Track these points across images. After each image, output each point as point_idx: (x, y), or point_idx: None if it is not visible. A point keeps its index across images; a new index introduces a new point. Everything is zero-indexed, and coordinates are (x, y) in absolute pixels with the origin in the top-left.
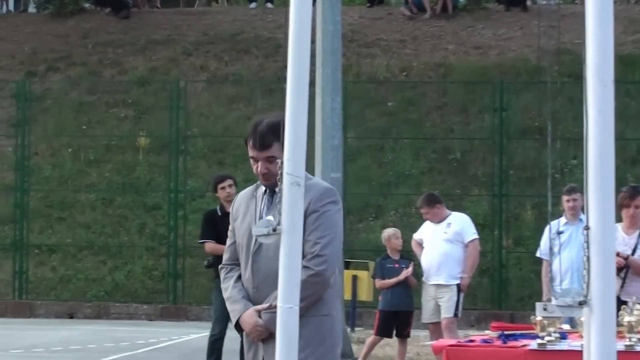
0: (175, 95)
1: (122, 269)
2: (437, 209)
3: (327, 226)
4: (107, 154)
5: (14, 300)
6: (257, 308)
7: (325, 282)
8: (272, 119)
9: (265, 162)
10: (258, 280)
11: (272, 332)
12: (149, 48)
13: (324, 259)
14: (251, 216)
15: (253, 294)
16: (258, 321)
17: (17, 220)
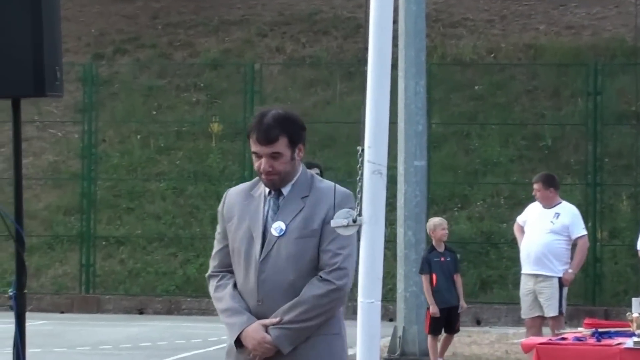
0: (250, 78)
1: (194, 262)
2: (550, 192)
3: (347, 237)
4: (178, 141)
5: (81, 294)
6: (265, 322)
7: (343, 297)
8: (279, 111)
9: (269, 159)
10: (264, 291)
11: (279, 349)
12: (222, 29)
13: (345, 272)
14: (252, 219)
15: (255, 307)
16: (266, 337)
17: (84, 210)
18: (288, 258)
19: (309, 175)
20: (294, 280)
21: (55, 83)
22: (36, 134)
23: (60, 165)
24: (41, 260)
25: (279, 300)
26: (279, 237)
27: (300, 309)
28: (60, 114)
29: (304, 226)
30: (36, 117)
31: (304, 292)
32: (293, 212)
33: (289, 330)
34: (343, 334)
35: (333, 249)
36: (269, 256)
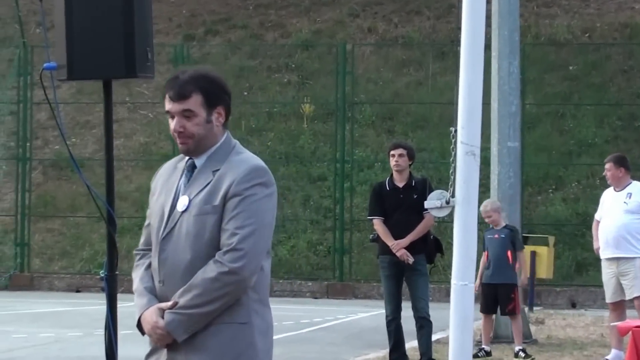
0: (342, 59)
1: (286, 243)
2: (620, 172)
3: (249, 214)
4: (270, 122)
5: None
6: (161, 306)
7: (241, 282)
8: (200, 69)
9: (181, 118)
10: (165, 272)
11: (174, 337)
12: (313, 9)
13: (241, 254)
14: (167, 193)
15: (159, 288)
16: (158, 322)
17: None
18: (187, 236)
19: (232, 145)
20: (192, 261)
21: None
22: (127, 115)
23: (151, 146)
24: (132, 241)
25: (179, 282)
26: (182, 213)
27: (192, 293)
28: (151, 95)
29: (205, 201)
30: (127, 98)
31: (197, 274)
32: (200, 185)
33: (181, 315)
34: (255, 323)
35: (231, 228)
36: (170, 234)
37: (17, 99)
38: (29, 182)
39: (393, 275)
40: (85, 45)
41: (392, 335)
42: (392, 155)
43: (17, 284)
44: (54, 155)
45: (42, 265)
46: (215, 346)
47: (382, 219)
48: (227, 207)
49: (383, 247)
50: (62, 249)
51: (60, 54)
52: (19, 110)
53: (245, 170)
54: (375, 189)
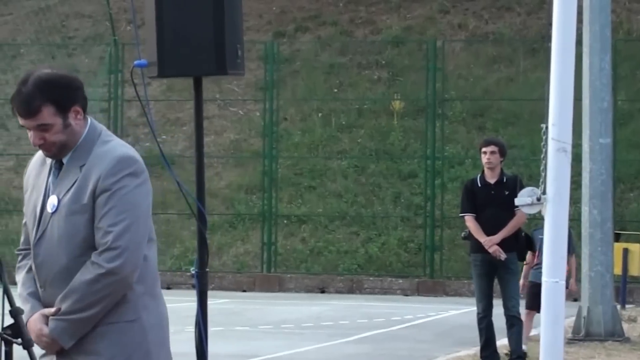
0: (432, 55)
1: (376, 240)
2: None
3: (122, 208)
4: (360, 119)
5: (262, 273)
6: (45, 312)
7: (122, 281)
8: (41, 74)
9: (38, 132)
10: (43, 277)
11: (60, 344)
12: (403, 6)
13: (118, 252)
14: (37, 192)
15: (41, 293)
16: (43, 329)
17: (265, 189)
18: (60, 238)
19: (98, 134)
20: (68, 264)
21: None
22: (218, 112)
23: (242, 143)
24: (223, 238)
25: (58, 287)
26: (52, 215)
27: (72, 298)
28: (242, 92)
29: (74, 201)
30: (218, 95)
31: (76, 278)
32: (68, 184)
33: (64, 322)
34: (142, 320)
35: (104, 226)
36: (43, 237)
37: (108, 97)
38: None
39: (485, 274)
40: (175, 43)
41: (483, 332)
42: (483, 152)
43: None
44: (144, 152)
45: None
46: (104, 349)
47: (473, 216)
48: (97, 204)
49: (475, 245)
50: None
51: (151, 51)
52: (109, 107)
53: (111, 162)
54: (467, 186)
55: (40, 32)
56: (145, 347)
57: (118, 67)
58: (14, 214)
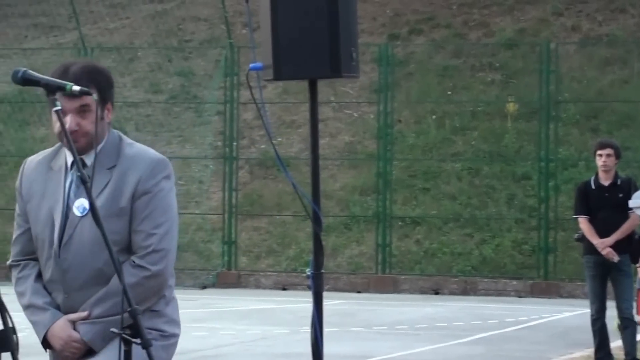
0: (546, 58)
1: (490, 242)
2: None
3: (162, 210)
4: (474, 121)
5: (377, 274)
6: (71, 317)
7: (163, 283)
8: (86, 63)
9: (76, 116)
10: (69, 282)
11: (94, 348)
12: (517, 8)
13: (162, 255)
14: (51, 197)
15: (64, 301)
16: (73, 335)
17: (380, 190)
18: (93, 242)
19: (117, 138)
20: (103, 268)
21: (351, 64)
22: (332, 114)
23: (356, 145)
24: (338, 240)
25: (88, 292)
26: (82, 218)
27: (110, 300)
28: (356, 95)
29: (111, 204)
30: (332, 98)
31: (114, 280)
32: (98, 187)
33: (99, 324)
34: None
35: (146, 229)
36: (71, 241)
37: (224, 99)
38: (236, 181)
39: (598, 275)
40: (290, 46)
41: (597, 334)
42: (599, 154)
43: (225, 282)
44: (260, 154)
45: (249, 263)
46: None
47: (587, 218)
48: (136, 206)
49: (588, 247)
50: (268, 247)
51: (266, 54)
52: (225, 110)
53: (150, 164)
54: (580, 188)
55: (157, 36)
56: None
57: (234, 70)
58: None
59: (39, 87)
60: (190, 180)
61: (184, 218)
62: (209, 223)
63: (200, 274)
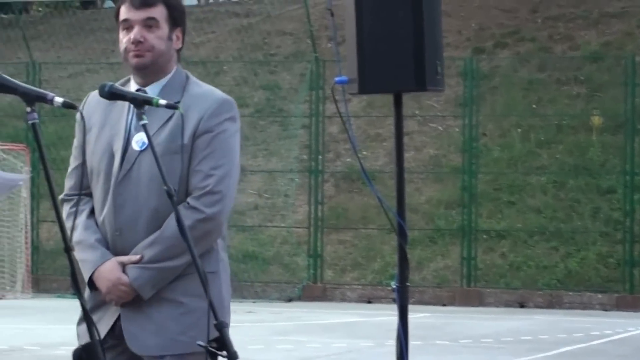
0: (631, 71)
1: (575, 255)
2: None
3: (223, 152)
4: (559, 135)
5: (462, 287)
6: (122, 260)
7: (218, 228)
8: None
9: (142, 28)
10: (122, 220)
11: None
12: (602, 21)
13: (219, 198)
14: (112, 130)
15: (113, 239)
16: (122, 278)
17: (465, 204)
18: (151, 179)
19: (184, 76)
20: (157, 207)
21: (436, 77)
22: (417, 128)
23: (441, 158)
24: (423, 253)
25: (141, 232)
26: (140, 152)
27: (163, 244)
28: (441, 108)
29: (170, 140)
30: (417, 111)
31: (168, 223)
32: (159, 121)
33: (150, 270)
34: (220, 273)
35: (205, 170)
36: (128, 176)
37: (309, 113)
38: (322, 195)
39: None
40: (375, 59)
41: None
42: None
43: (310, 295)
44: (345, 167)
45: (335, 277)
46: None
47: None
48: (196, 145)
49: None
50: (353, 261)
51: (351, 68)
52: (311, 123)
53: (214, 103)
54: None
55: (242, 50)
56: (221, 300)
57: (319, 84)
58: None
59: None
60: (276, 194)
61: (270, 231)
62: (295, 236)
63: (286, 286)
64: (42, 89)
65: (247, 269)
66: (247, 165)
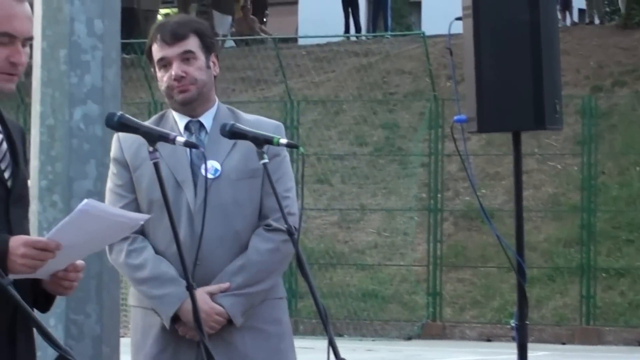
0: None
1: None
2: None
3: (289, 175)
4: None
5: (581, 326)
6: (210, 290)
7: (292, 250)
8: (184, 15)
9: (180, 62)
10: (203, 249)
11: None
12: None
13: (295, 218)
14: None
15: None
16: (215, 307)
17: (584, 242)
18: (231, 204)
19: (224, 106)
20: (239, 230)
21: (554, 116)
22: (536, 166)
23: (560, 197)
24: (542, 291)
25: (223, 258)
26: (214, 180)
27: (251, 269)
28: (560, 147)
29: (243, 166)
30: (536, 149)
31: (253, 247)
32: (225, 148)
33: (241, 296)
34: (284, 299)
35: (279, 192)
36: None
37: (428, 151)
38: (441, 233)
39: None
40: (494, 98)
41: None
42: None
43: (430, 333)
44: (464, 206)
45: (454, 315)
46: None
47: None
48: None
49: None
50: (473, 299)
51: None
52: (430, 162)
53: (275, 128)
54: None
55: (362, 89)
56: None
57: (438, 123)
58: (338, 267)
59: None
60: (395, 232)
61: (389, 269)
62: (414, 274)
63: (405, 325)
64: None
65: (366, 307)
66: (366, 203)
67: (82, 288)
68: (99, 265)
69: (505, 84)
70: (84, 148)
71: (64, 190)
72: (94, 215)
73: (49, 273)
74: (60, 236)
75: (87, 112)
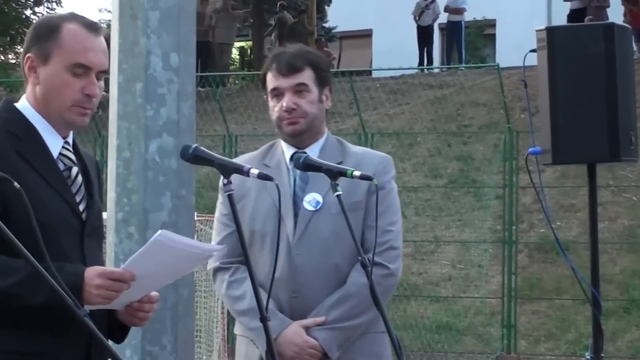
0: None
1: None
2: None
3: (395, 209)
4: None
5: None
6: (305, 323)
7: (395, 284)
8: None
9: (293, 95)
10: (301, 280)
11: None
12: None
13: (398, 253)
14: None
15: (290, 302)
16: (309, 341)
17: None
18: (330, 237)
19: (334, 138)
20: (339, 264)
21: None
22: (611, 198)
23: (636, 229)
24: (617, 324)
25: (320, 291)
26: (315, 212)
27: (349, 303)
28: (635, 178)
29: (345, 198)
30: (611, 181)
31: (352, 280)
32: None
33: (337, 330)
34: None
35: (382, 226)
36: (304, 236)
37: (502, 183)
38: (515, 265)
39: None
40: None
41: None
42: None
43: None
44: (539, 238)
45: (528, 347)
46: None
47: None
48: (371, 201)
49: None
50: (547, 331)
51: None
52: (504, 194)
53: (382, 161)
54: None
55: (436, 121)
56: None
57: (513, 155)
58: (412, 299)
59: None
60: (470, 264)
61: (464, 302)
62: (488, 307)
63: (480, 357)
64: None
65: (440, 339)
66: (440, 235)
67: (158, 319)
68: (174, 296)
69: (580, 115)
70: (159, 180)
71: (140, 222)
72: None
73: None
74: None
75: (163, 144)
